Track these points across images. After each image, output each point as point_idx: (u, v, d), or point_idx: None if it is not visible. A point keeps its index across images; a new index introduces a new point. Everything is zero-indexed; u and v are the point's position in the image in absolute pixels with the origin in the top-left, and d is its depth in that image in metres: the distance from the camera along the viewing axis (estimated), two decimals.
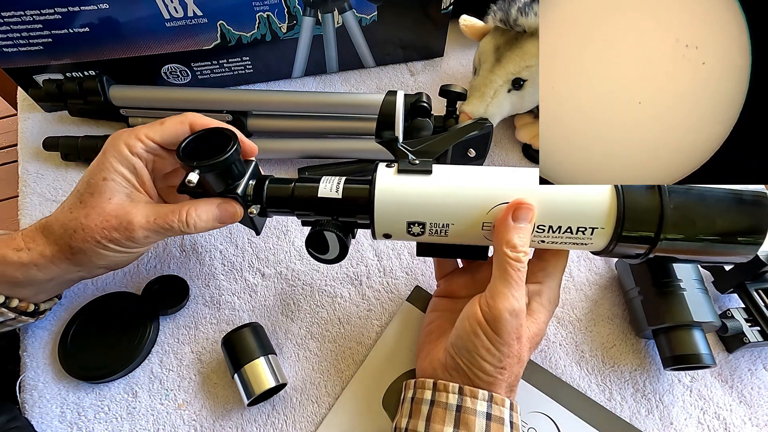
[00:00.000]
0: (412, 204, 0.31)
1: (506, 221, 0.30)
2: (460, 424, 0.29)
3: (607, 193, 0.30)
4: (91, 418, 0.37)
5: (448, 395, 0.30)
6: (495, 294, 0.29)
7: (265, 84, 0.56)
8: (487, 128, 0.44)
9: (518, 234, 0.29)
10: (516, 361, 0.30)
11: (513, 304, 0.29)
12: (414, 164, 0.32)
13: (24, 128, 0.52)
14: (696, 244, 0.30)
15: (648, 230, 0.29)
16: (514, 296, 0.29)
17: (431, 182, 0.31)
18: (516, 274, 0.29)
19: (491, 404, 0.30)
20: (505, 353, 0.29)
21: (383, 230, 0.33)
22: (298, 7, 0.48)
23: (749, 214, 0.29)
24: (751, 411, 0.38)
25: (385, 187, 0.31)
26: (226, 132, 0.34)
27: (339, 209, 0.33)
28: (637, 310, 0.39)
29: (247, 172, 0.35)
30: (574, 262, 0.45)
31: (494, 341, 0.29)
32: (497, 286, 0.30)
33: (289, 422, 0.37)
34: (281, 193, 0.34)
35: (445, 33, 0.57)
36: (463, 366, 0.31)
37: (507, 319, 0.29)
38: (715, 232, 0.29)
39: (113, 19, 0.44)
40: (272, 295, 0.43)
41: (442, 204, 0.31)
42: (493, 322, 0.29)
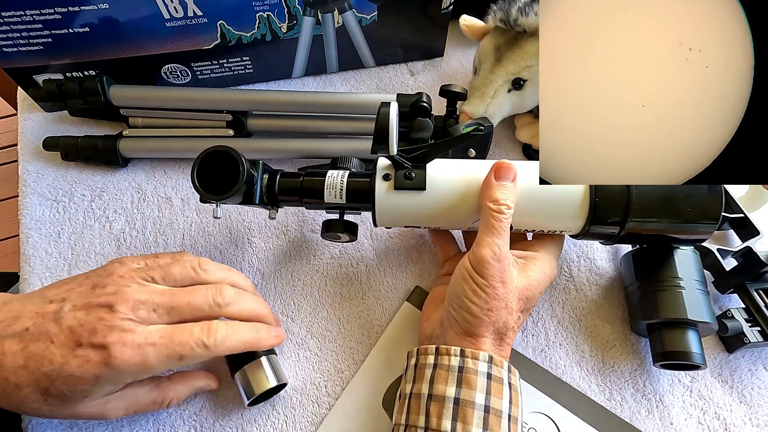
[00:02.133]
0: (409, 215, 0.36)
1: (489, 180, 0.34)
2: (462, 384, 0.31)
3: None
4: None
5: (450, 357, 0.32)
6: (479, 242, 0.33)
7: (265, 84, 0.56)
8: (487, 128, 0.44)
9: (500, 190, 0.33)
10: (503, 305, 0.32)
11: (495, 249, 0.32)
12: (410, 178, 0.35)
13: (24, 128, 0.52)
14: (660, 225, 0.35)
15: (617, 214, 0.34)
16: (496, 243, 0.32)
17: (425, 199, 0.36)
18: (498, 224, 0.32)
19: (491, 365, 0.31)
20: (491, 295, 0.32)
21: (383, 226, 0.39)
22: (298, 7, 0.48)
23: (706, 199, 0.34)
24: (751, 411, 0.38)
25: (384, 203, 0.36)
26: (228, 151, 0.35)
27: (343, 208, 0.39)
28: (634, 305, 0.40)
29: (258, 175, 0.37)
30: (574, 262, 0.45)
31: (480, 284, 0.32)
32: (481, 236, 0.33)
33: (289, 422, 0.37)
34: (291, 192, 0.39)
35: (445, 33, 0.57)
36: (454, 313, 0.33)
37: (490, 263, 0.32)
38: (676, 214, 0.34)
39: (113, 19, 0.44)
40: (272, 295, 0.43)
41: (436, 217, 0.36)
42: (478, 266, 0.32)
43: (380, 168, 0.37)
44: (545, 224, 0.36)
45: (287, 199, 0.39)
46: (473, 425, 0.29)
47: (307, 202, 0.39)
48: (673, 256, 0.38)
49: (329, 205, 0.38)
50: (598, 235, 0.37)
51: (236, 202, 0.37)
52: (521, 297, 0.34)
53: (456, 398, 0.30)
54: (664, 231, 0.35)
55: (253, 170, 0.37)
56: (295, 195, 0.38)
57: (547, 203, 0.35)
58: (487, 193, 0.34)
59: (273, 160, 0.51)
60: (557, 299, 0.43)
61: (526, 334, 0.41)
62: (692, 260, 0.38)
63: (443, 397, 0.30)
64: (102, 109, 0.49)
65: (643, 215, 0.34)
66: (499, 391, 0.31)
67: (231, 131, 0.49)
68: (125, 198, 0.48)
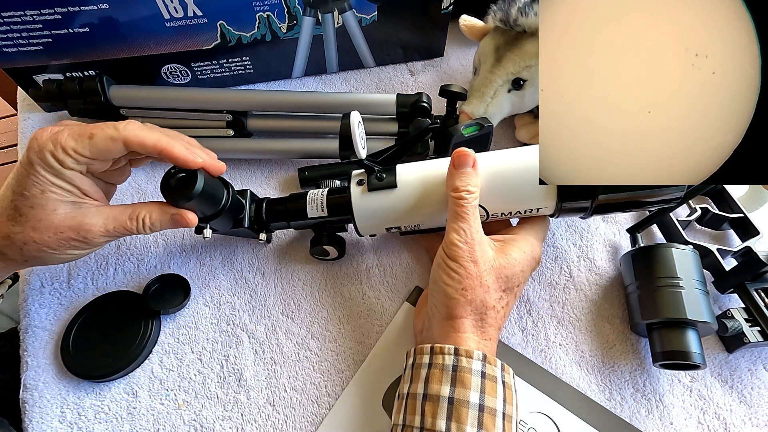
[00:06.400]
0: (385, 217, 0.38)
1: (450, 170, 0.35)
2: (456, 383, 0.31)
3: None
4: (91, 418, 0.37)
5: (444, 357, 0.32)
6: (448, 230, 0.34)
7: (265, 84, 0.56)
8: (487, 128, 0.44)
9: (460, 178, 0.34)
10: (477, 283, 0.33)
11: (461, 234, 0.33)
12: (381, 179, 0.37)
13: (24, 128, 0.52)
14: (630, 193, 0.35)
15: (587, 190, 0.35)
16: (462, 228, 0.33)
17: (397, 196, 0.37)
18: (461, 209, 0.33)
19: (485, 363, 0.32)
20: (463, 275, 0.33)
21: (366, 233, 0.40)
22: (298, 7, 0.48)
23: None
24: (751, 411, 0.38)
25: (360, 206, 0.38)
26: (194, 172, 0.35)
27: (327, 222, 0.41)
28: (634, 304, 0.40)
29: (246, 200, 0.40)
30: (574, 262, 0.45)
31: (451, 266, 0.33)
32: (449, 224, 0.34)
33: (289, 422, 0.37)
34: (278, 217, 0.41)
35: (445, 33, 0.57)
36: (434, 300, 0.35)
37: (459, 246, 0.33)
38: None
39: (113, 19, 0.44)
40: (272, 295, 0.43)
41: (410, 213, 0.38)
42: (448, 250, 0.34)
43: (354, 175, 0.39)
44: (519, 206, 0.37)
45: (276, 222, 0.41)
46: (468, 424, 0.29)
47: (294, 222, 0.41)
48: (672, 256, 0.38)
49: (314, 220, 0.40)
50: (572, 210, 0.37)
51: (227, 228, 0.40)
52: (499, 276, 0.34)
53: (450, 397, 0.30)
54: (634, 198, 0.35)
55: (241, 198, 0.40)
56: (282, 217, 0.41)
57: (516, 185, 0.36)
58: (448, 182, 0.35)
59: (273, 160, 0.51)
60: (557, 299, 0.43)
61: (526, 334, 0.41)
62: (692, 260, 0.38)
63: (438, 396, 0.31)
64: (102, 109, 0.49)
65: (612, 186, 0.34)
66: (493, 389, 0.31)
67: (231, 131, 0.49)
68: (125, 198, 0.48)
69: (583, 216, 0.38)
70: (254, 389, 0.39)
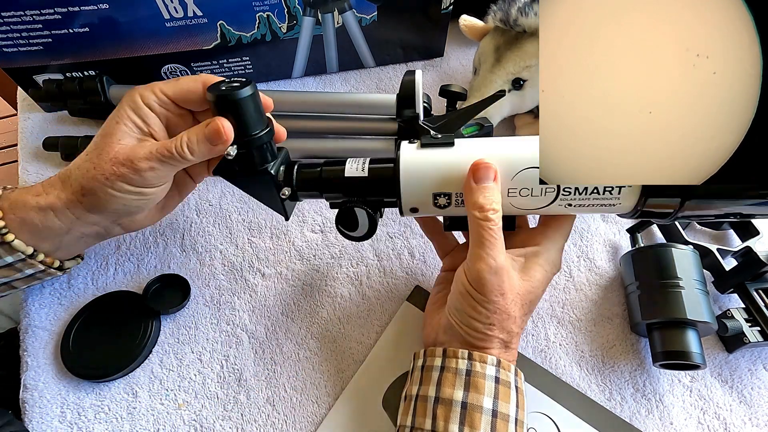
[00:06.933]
0: (437, 176, 0.32)
1: (469, 185, 0.31)
2: (470, 387, 0.30)
3: None
4: (91, 418, 0.37)
5: (458, 360, 0.31)
6: (472, 256, 0.31)
7: (265, 84, 0.56)
8: (487, 128, 0.44)
9: (482, 194, 0.30)
10: (505, 317, 0.31)
11: (490, 263, 0.30)
12: (436, 138, 0.33)
13: (24, 128, 0.52)
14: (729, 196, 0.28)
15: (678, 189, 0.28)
16: (490, 255, 0.30)
17: (454, 153, 0.32)
18: (487, 233, 0.30)
19: (499, 368, 0.31)
20: (491, 309, 0.31)
21: (410, 204, 0.33)
22: (298, 7, 0.48)
23: None
24: (751, 411, 0.38)
25: (410, 161, 0.32)
26: None
27: (366, 188, 0.34)
28: (634, 305, 0.40)
29: (279, 157, 0.36)
30: (574, 262, 0.45)
31: (479, 300, 0.31)
32: (473, 249, 0.31)
33: (289, 422, 0.37)
34: (310, 176, 0.35)
35: (445, 33, 0.57)
36: (456, 325, 0.33)
37: (486, 278, 0.30)
38: None
39: (113, 19, 0.44)
40: (272, 295, 0.43)
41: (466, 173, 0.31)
42: (475, 283, 0.31)
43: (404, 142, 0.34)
44: None
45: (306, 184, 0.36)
46: (481, 430, 0.29)
47: (327, 194, 0.36)
48: (672, 256, 0.38)
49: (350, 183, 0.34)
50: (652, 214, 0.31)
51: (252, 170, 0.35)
52: (524, 302, 0.32)
53: (464, 402, 0.30)
54: None
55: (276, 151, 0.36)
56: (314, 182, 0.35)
57: None
58: (469, 200, 0.31)
59: None
60: (557, 299, 0.43)
61: (526, 334, 0.41)
62: (692, 260, 0.38)
63: (450, 400, 0.30)
64: (102, 109, 0.49)
65: None
66: (506, 395, 0.31)
67: None
68: None
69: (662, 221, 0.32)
70: (254, 389, 0.39)
